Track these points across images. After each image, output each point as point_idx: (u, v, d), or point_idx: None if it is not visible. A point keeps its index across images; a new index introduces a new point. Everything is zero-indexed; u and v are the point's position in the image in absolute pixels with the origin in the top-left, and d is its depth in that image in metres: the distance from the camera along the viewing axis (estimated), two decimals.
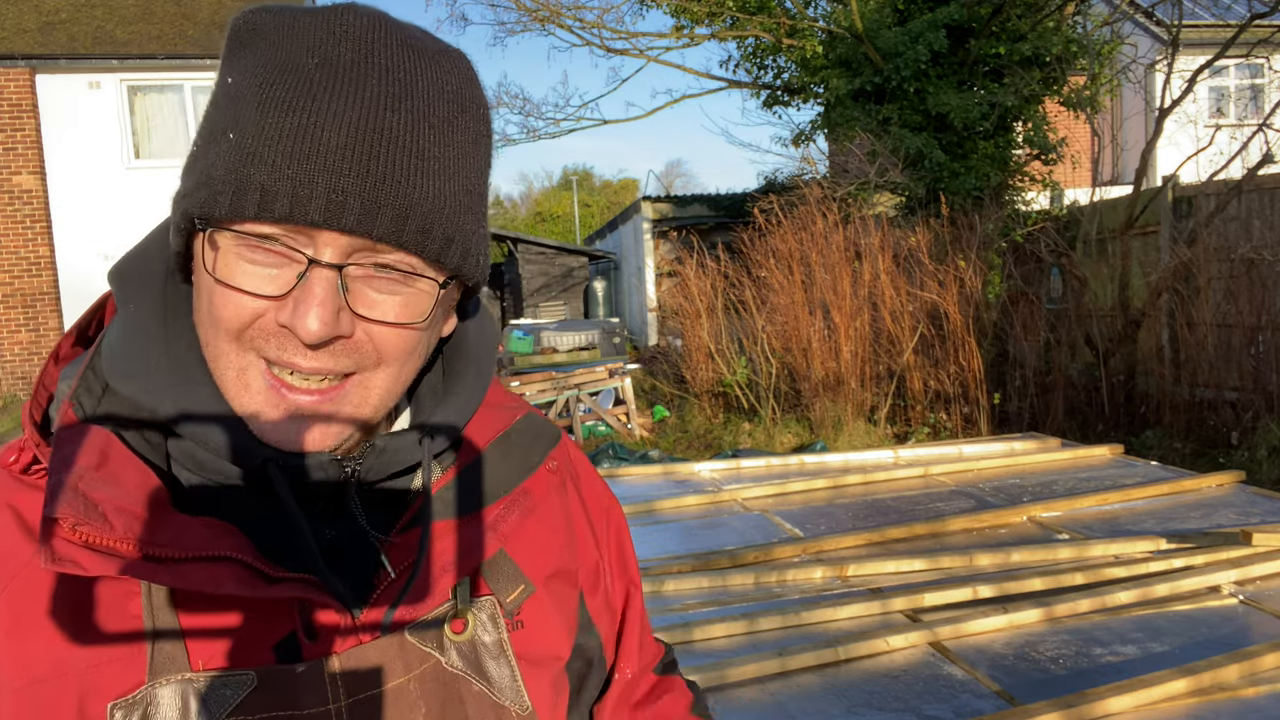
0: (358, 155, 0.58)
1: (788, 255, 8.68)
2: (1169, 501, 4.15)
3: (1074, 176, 13.53)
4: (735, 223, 11.91)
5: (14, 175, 13.05)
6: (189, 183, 0.61)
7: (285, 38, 0.61)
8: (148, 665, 0.58)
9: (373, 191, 0.58)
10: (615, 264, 20.35)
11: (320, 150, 0.57)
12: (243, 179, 0.58)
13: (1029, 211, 10.80)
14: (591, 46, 13.36)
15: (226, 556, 0.58)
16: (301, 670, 0.61)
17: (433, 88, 0.63)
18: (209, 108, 0.63)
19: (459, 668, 0.68)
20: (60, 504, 0.55)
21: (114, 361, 0.64)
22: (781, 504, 4.44)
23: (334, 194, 0.58)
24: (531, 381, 9.37)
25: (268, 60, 0.60)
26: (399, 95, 0.60)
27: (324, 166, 0.57)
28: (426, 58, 0.63)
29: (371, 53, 0.61)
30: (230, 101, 0.61)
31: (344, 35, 0.61)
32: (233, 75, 0.62)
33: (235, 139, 0.58)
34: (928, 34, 10.34)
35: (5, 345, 13.24)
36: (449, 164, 0.63)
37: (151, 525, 0.57)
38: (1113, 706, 2.26)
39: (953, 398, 8.15)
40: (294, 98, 0.58)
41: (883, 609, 2.99)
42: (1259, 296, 7.35)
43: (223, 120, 0.60)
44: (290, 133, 0.58)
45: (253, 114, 0.59)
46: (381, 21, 0.63)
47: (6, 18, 13.46)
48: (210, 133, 0.61)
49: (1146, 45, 13.22)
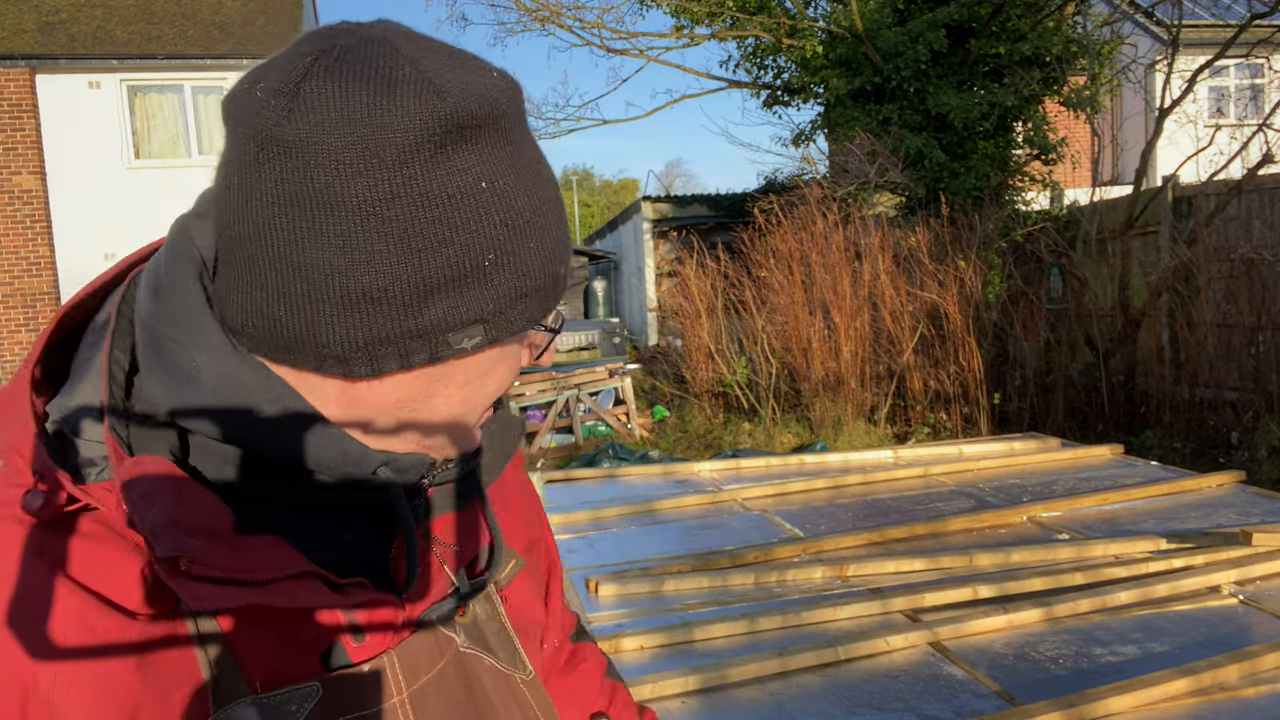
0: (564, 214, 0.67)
1: (788, 255, 8.68)
2: (1169, 501, 4.15)
3: (1074, 176, 13.54)
4: (735, 223, 11.92)
5: (14, 175, 13.05)
6: (503, 295, 0.61)
7: (502, 124, 0.61)
8: (210, 694, 0.58)
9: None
10: (615, 264, 20.36)
11: (565, 225, 0.66)
12: (555, 275, 0.64)
13: (1029, 211, 10.80)
14: (591, 46, 13.36)
15: (306, 572, 0.59)
16: (367, 670, 0.63)
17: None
18: (456, 216, 0.58)
19: (469, 646, 0.72)
20: (169, 544, 0.54)
21: (198, 402, 0.59)
22: (781, 504, 4.44)
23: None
24: (531, 381, 9.37)
25: (505, 153, 0.61)
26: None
27: (569, 238, 0.67)
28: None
29: (523, 109, 0.65)
30: (500, 209, 0.60)
31: (516, 105, 0.63)
32: (486, 179, 0.59)
33: (538, 245, 0.62)
34: (928, 34, 10.34)
35: (5, 345, 13.24)
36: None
37: (240, 551, 0.58)
38: (1113, 706, 2.26)
39: (953, 398, 8.15)
40: (544, 185, 0.64)
41: (883, 609, 2.99)
42: (1259, 296, 7.36)
43: (504, 231, 0.60)
44: (562, 220, 0.65)
45: (531, 219, 0.62)
46: (510, 78, 0.66)
47: (6, 18, 13.46)
48: (498, 243, 0.60)
49: (1146, 45, 13.22)
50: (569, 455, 8.76)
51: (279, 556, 0.59)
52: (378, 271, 0.56)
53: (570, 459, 8.43)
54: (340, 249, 0.56)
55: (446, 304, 0.58)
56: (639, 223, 16.65)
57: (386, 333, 0.58)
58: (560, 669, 0.95)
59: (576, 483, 4.92)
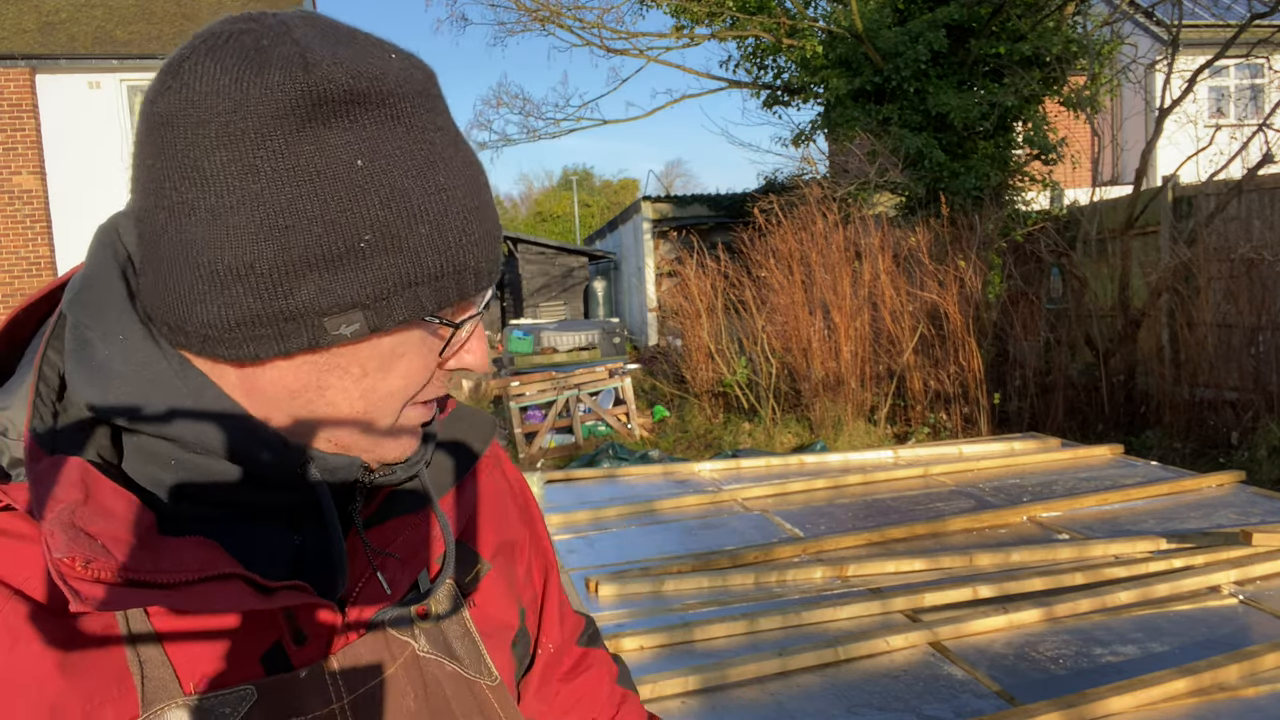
0: (492, 214, 0.64)
1: (788, 255, 8.68)
2: (1169, 501, 4.15)
3: (1074, 176, 13.54)
4: (735, 223, 11.92)
5: (14, 175, 13.05)
6: (384, 280, 0.58)
7: (394, 105, 0.58)
8: (139, 698, 0.57)
9: (499, 244, 0.65)
10: (615, 264, 20.35)
11: (487, 223, 0.62)
12: (460, 266, 0.61)
13: (1029, 211, 10.80)
14: (591, 46, 13.37)
15: (230, 574, 0.58)
16: (304, 675, 0.62)
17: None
18: (328, 192, 0.56)
19: (429, 651, 0.70)
20: (66, 544, 0.53)
21: (115, 397, 0.60)
22: (781, 504, 4.44)
23: (497, 260, 0.64)
24: (531, 381, 9.36)
25: (394, 133, 0.58)
26: (464, 138, 0.65)
27: (492, 236, 0.63)
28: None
29: (439, 103, 0.63)
30: (383, 189, 0.57)
31: (419, 76, 0.61)
32: (363, 157, 0.57)
33: (432, 231, 0.59)
34: (928, 34, 10.34)
35: None
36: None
37: (153, 552, 0.56)
38: (1113, 706, 2.26)
39: (953, 398, 8.15)
40: (448, 175, 0.60)
41: (883, 609, 2.99)
42: (1259, 296, 7.36)
43: (386, 211, 0.57)
44: (473, 213, 0.61)
45: (428, 201, 0.59)
46: (415, 60, 0.63)
47: (6, 18, 13.46)
48: (377, 225, 0.57)
49: (1146, 45, 13.22)
50: (569, 455, 8.77)
51: (201, 558, 0.57)
52: (241, 247, 0.55)
53: (570, 459, 8.43)
54: (206, 223, 0.55)
55: (318, 285, 0.56)
56: (639, 223, 16.65)
57: (257, 312, 0.56)
58: (563, 674, 0.92)
59: (576, 483, 4.92)
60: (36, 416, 0.60)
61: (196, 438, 0.60)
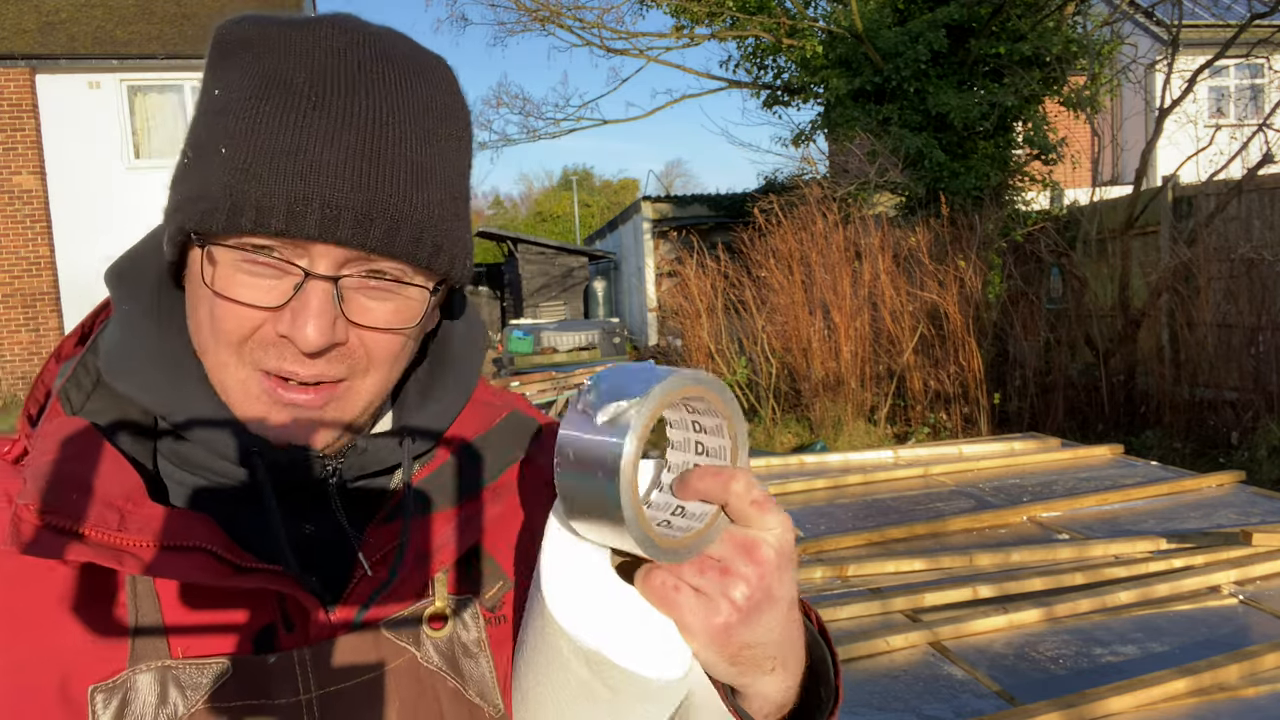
0: (350, 171, 0.61)
1: (788, 255, 8.68)
2: (1169, 501, 4.15)
3: (1074, 176, 13.53)
4: (735, 223, 11.91)
5: (14, 175, 13.05)
6: (180, 195, 0.63)
7: (273, 51, 0.63)
8: (129, 652, 0.60)
9: (365, 205, 0.61)
10: (615, 264, 20.35)
11: (314, 167, 0.60)
12: (239, 195, 0.60)
13: (1029, 211, 10.80)
14: (591, 46, 13.38)
15: (196, 547, 0.60)
16: (273, 661, 0.62)
17: (418, 100, 0.65)
18: (196, 118, 0.65)
19: (435, 664, 0.68)
20: (32, 491, 0.57)
21: (110, 359, 0.66)
22: (781, 504, 4.43)
23: (328, 209, 0.60)
24: (531, 381, 9.37)
25: (257, 74, 0.62)
26: (387, 110, 0.63)
27: (318, 182, 0.60)
28: (411, 70, 0.66)
29: (360, 68, 0.63)
30: (219, 114, 0.63)
31: (331, 50, 0.63)
32: (219, 87, 0.63)
33: (228, 154, 0.60)
34: (928, 34, 10.34)
35: (5, 345, 13.24)
36: (435, 173, 0.66)
37: (124, 515, 0.59)
38: (1113, 706, 2.26)
39: (953, 398, 8.15)
40: (286, 114, 0.61)
41: (883, 609, 2.99)
42: (1259, 296, 7.36)
43: (212, 134, 0.62)
44: (284, 150, 0.60)
45: (245, 129, 0.61)
46: (367, 34, 0.65)
47: (6, 18, 13.46)
48: (200, 145, 0.63)
49: (1146, 45, 13.22)
50: None
51: (174, 528, 0.60)
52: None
53: None
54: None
55: (171, 194, 0.65)
56: (639, 223, 16.65)
57: (166, 214, 0.66)
58: None
59: None
60: (73, 383, 0.66)
61: (161, 405, 0.65)
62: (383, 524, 0.69)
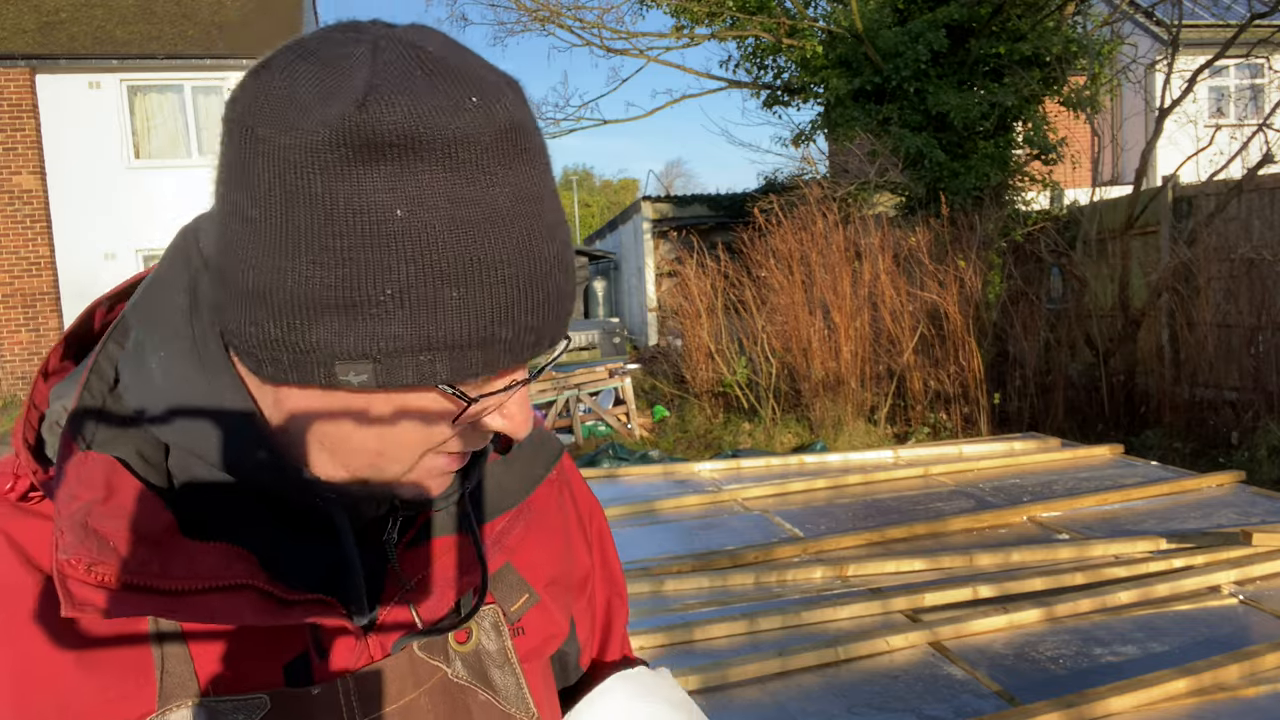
0: (562, 283, 0.59)
1: (788, 255, 8.68)
2: (1169, 501, 4.15)
3: (1074, 176, 13.53)
4: (735, 223, 11.91)
5: (14, 175, 13.05)
6: (398, 337, 0.55)
7: (455, 155, 0.54)
8: (157, 692, 0.58)
9: (568, 307, 0.61)
10: (615, 264, 20.36)
11: (547, 297, 0.58)
12: (491, 339, 0.56)
13: (1029, 211, 10.80)
14: (591, 46, 13.36)
15: (241, 585, 0.57)
16: (317, 692, 0.61)
17: (544, 148, 0.60)
18: (362, 235, 0.53)
19: (464, 678, 0.68)
20: (73, 544, 0.54)
21: (150, 402, 0.61)
22: (781, 504, 4.44)
23: (558, 325, 0.60)
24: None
25: (450, 189, 0.54)
26: (548, 187, 0.59)
27: (550, 307, 0.58)
28: (529, 119, 0.59)
29: (528, 154, 0.58)
30: (418, 242, 0.54)
31: (505, 144, 0.56)
32: (402, 206, 0.53)
33: (462, 295, 0.55)
34: (928, 34, 10.34)
35: (5, 345, 13.24)
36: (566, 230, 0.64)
37: (164, 556, 0.56)
38: (1113, 706, 2.26)
39: (953, 398, 8.15)
40: (501, 238, 0.55)
41: (883, 609, 2.99)
42: (1259, 296, 7.36)
43: (414, 266, 0.54)
44: (521, 284, 0.56)
45: (467, 263, 0.54)
46: (511, 103, 0.57)
47: (6, 18, 13.46)
48: (402, 278, 0.54)
49: (1146, 45, 13.22)
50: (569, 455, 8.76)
51: (215, 565, 0.57)
52: (266, 268, 0.54)
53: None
54: (245, 234, 0.55)
55: (331, 328, 0.55)
56: (639, 223, 16.65)
57: (275, 338, 0.56)
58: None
59: None
60: (80, 409, 0.60)
61: (221, 457, 0.60)
62: (412, 544, 0.68)
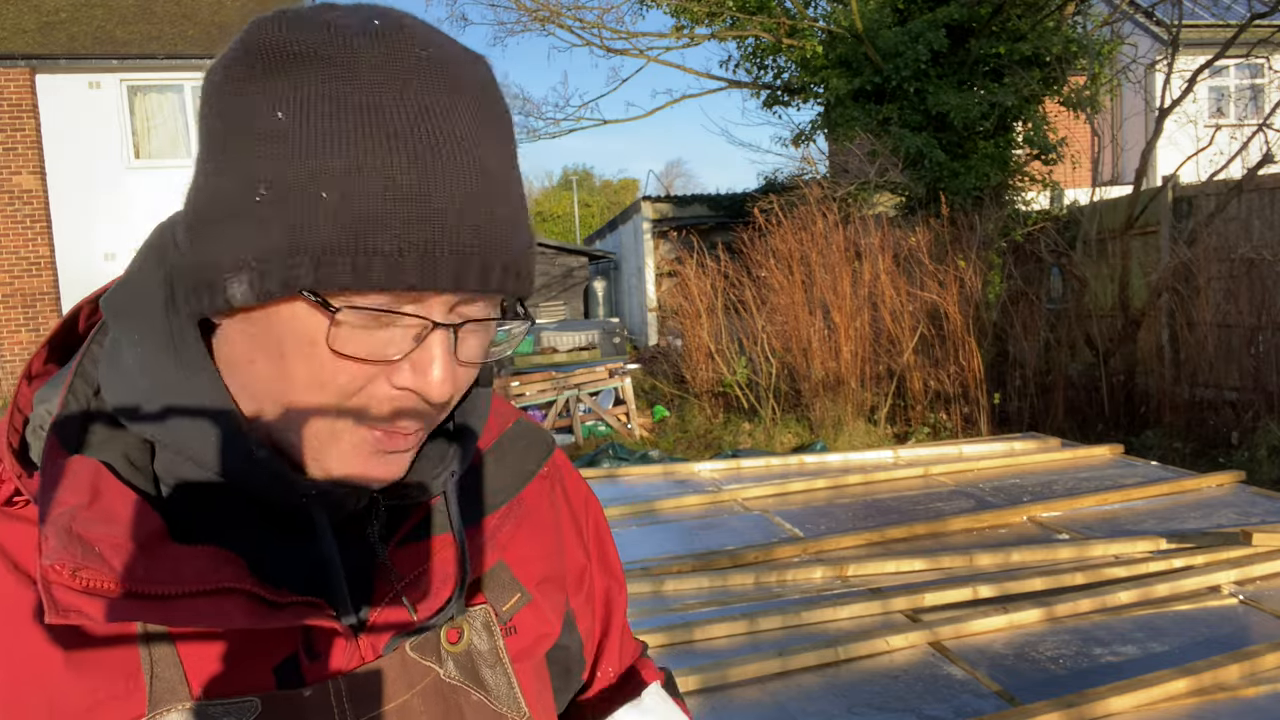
0: (471, 214, 0.55)
1: (788, 255, 8.68)
2: (1169, 501, 4.15)
3: (1074, 176, 13.53)
4: (735, 223, 11.91)
5: (14, 175, 13.05)
6: (266, 241, 0.53)
7: (351, 68, 0.54)
8: (147, 697, 0.57)
9: (485, 249, 0.56)
10: (615, 264, 20.36)
11: (440, 213, 0.53)
12: (365, 248, 0.52)
13: (1029, 211, 10.80)
14: (591, 46, 13.36)
15: (230, 588, 0.56)
16: (309, 694, 0.60)
17: (496, 117, 0.59)
18: (245, 142, 0.54)
19: (456, 678, 0.67)
20: (57, 549, 0.52)
21: (127, 400, 0.60)
22: (781, 504, 4.44)
23: (461, 260, 0.55)
24: (531, 381, 9.37)
25: (341, 100, 0.53)
26: (483, 134, 0.57)
27: (444, 229, 0.54)
28: (480, 77, 0.59)
29: (450, 89, 0.56)
30: (297, 144, 0.53)
31: (416, 67, 0.55)
32: (282, 109, 0.53)
33: (338, 199, 0.52)
34: (928, 34, 10.34)
35: (5, 345, 13.24)
36: (520, 196, 0.60)
37: (150, 561, 0.55)
38: (1113, 706, 2.26)
39: (953, 398, 8.15)
40: (394, 153, 0.53)
41: (883, 609, 2.99)
42: (1259, 296, 7.36)
43: (295, 170, 0.53)
44: (407, 196, 0.53)
45: (348, 168, 0.52)
46: (432, 43, 0.57)
47: (6, 18, 13.46)
48: (281, 183, 0.53)
49: (1146, 45, 13.22)
50: (569, 455, 8.77)
51: (203, 569, 0.56)
52: (193, 195, 0.57)
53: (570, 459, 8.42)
54: (191, 177, 0.58)
55: (220, 238, 0.54)
56: (639, 223, 16.65)
57: (190, 263, 0.56)
58: (615, 692, 0.89)
59: None
60: (65, 413, 0.59)
61: (199, 454, 0.59)
62: (403, 542, 0.67)
